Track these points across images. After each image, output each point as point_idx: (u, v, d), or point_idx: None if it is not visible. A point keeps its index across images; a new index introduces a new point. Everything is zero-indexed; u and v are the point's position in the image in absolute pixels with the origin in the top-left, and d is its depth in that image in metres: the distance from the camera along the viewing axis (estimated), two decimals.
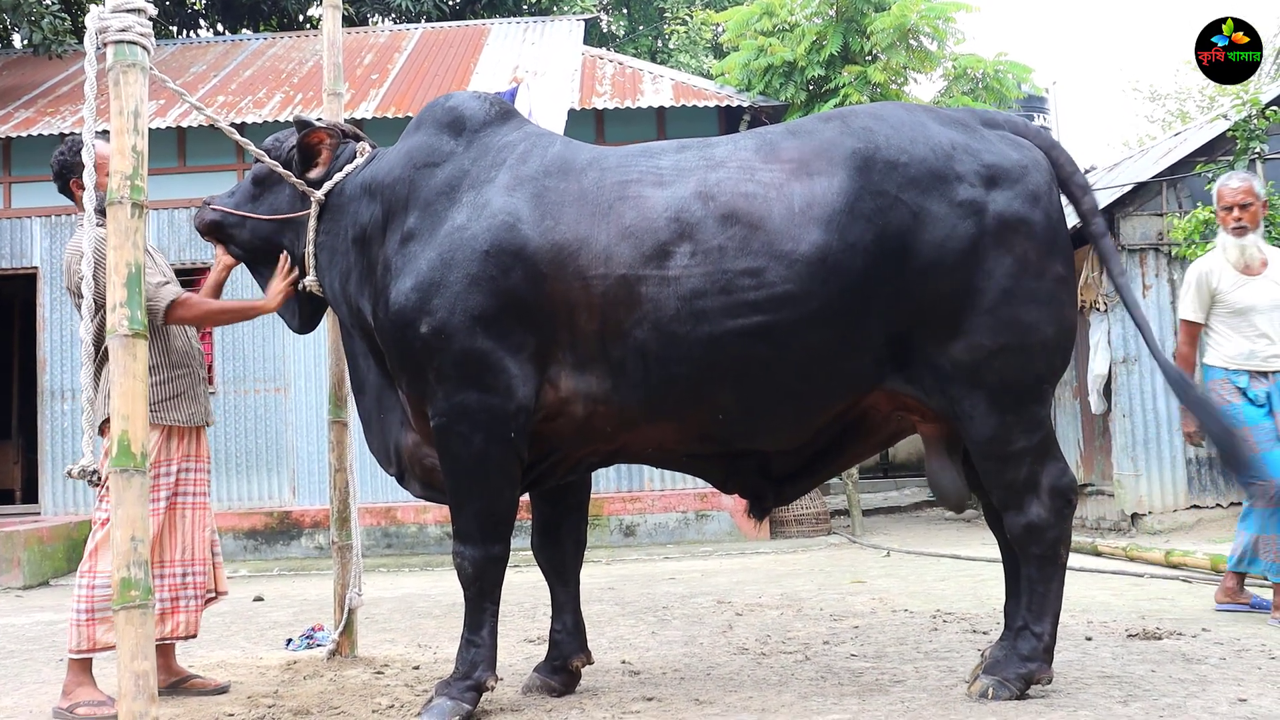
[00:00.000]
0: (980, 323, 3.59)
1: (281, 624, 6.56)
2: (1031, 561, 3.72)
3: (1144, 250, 10.24)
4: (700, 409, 3.75)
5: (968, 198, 3.61)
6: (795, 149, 3.76)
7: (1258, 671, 4.01)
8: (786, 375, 3.66)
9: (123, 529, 3.02)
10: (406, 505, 11.20)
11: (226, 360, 11.71)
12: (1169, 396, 10.08)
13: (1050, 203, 3.73)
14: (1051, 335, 3.66)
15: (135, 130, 3.18)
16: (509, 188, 3.82)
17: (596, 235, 3.68)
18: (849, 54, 12.38)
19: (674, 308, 3.60)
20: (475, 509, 3.81)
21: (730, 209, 3.63)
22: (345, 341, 4.40)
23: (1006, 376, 3.62)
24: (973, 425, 3.65)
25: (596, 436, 3.89)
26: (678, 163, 3.81)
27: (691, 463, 4.12)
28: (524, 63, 13.08)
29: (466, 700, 3.75)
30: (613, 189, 3.75)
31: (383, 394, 4.14)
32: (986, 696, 3.65)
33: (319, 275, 4.20)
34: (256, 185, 4.41)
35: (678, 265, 3.61)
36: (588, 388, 3.74)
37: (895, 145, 3.67)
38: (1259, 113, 9.52)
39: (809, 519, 11.41)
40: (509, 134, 4.05)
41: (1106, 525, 10.39)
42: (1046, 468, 3.70)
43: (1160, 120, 29.16)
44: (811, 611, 6.04)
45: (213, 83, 13.38)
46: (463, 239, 3.75)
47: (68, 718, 4.10)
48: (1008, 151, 3.74)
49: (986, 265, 3.60)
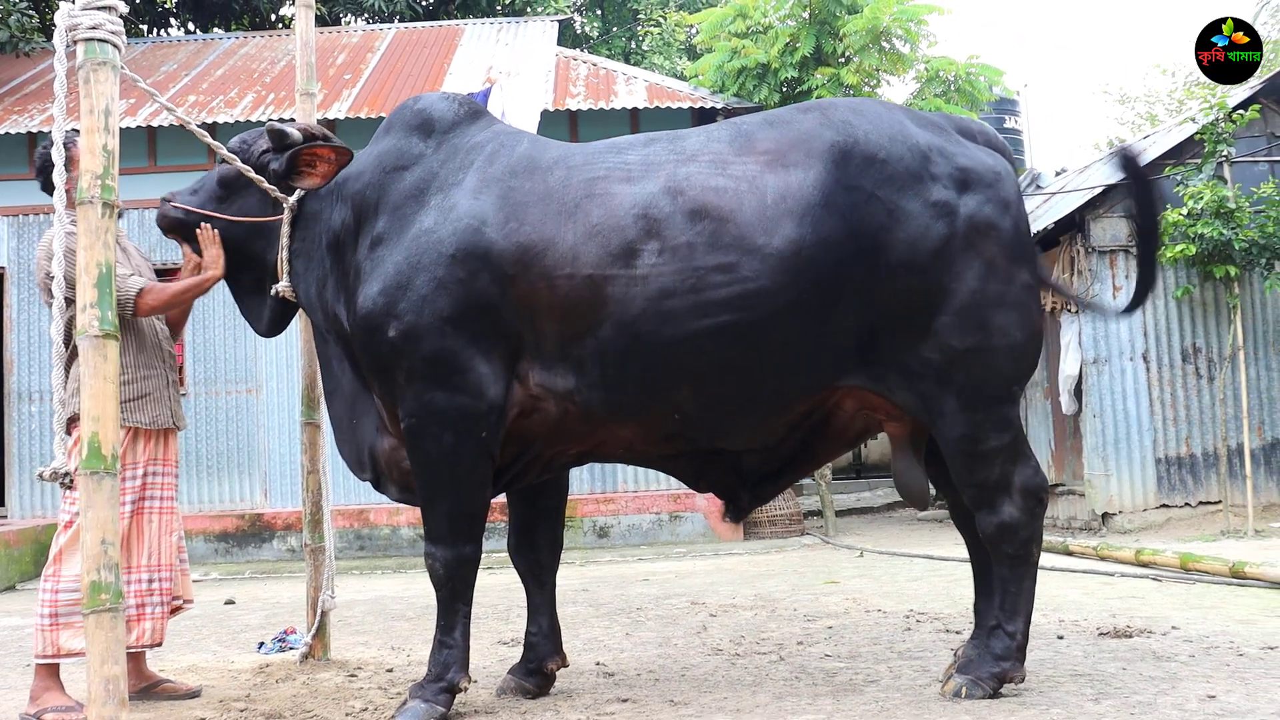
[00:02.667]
0: (949, 323, 3.61)
1: (253, 627, 6.52)
2: (1004, 561, 3.75)
3: (1114, 252, 10.32)
4: (665, 409, 3.75)
5: (941, 199, 3.64)
6: (772, 139, 3.75)
7: (1226, 668, 4.05)
8: (755, 373, 3.66)
9: (92, 532, 2.99)
10: (379, 507, 11.15)
11: (198, 361, 11.62)
12: (1139, 397, 10.17)
13: (1019, 212, 3.78)
14: (1020, 339, 3.69)
15: (106, 129, 3.14)
16: (475, 190, 3.81)
17: (563, 235, 3.66)
18: (822, 56, 12.43)
19: (641, 308, 3.58)
20: (446, 509, 3.80)
21: (700, 204, 3.62)
22: (319, 346, 4.34)
23: (976, 377, 3.64)
24: (944, 424, 3.67)
25: (569, 435, 3.89)
26: (646, 157, 3.79)
27: (664, 462, 4.14)
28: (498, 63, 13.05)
29: (440, 703, 3.73)
30: (579, 187, 3.73)
31: (357, 399, 4.11)
32: (960, 695, 3.67)
33: (294, 281, 4.15)
34: (224, 187, 4.30)
35: (645, 264, 3.59)
36: (557, 386, 3.73)
37: (874, 141, 3.68)
38: (1226, 116, 9.63)
39: (782, 520, 11.43)
40: (477, 134, 4.03)
41: (1078, 525, 10.47)
42: (1018, 467, 3.72)
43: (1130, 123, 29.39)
44: (785, 612, 6.05)
45: (184, 82, 13.28)
46: (429, 243, 3.74)
47: None
48: (982, 158, 3.78)
49: (956, 267, 3.62)
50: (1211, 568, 6.62)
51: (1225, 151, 9.60)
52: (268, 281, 4.25)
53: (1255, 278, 10.05)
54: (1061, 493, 10.82)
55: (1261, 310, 10.34)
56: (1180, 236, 9.52)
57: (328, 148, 4.06)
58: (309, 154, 4.05)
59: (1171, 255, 9.58)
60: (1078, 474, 10.57)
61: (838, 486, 14.34)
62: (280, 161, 4.09)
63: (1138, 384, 10.22)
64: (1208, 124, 9.68)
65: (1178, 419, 10.22)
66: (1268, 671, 3.97)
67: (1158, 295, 10.32)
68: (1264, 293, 10.01)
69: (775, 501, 11.58)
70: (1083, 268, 10.36)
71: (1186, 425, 10.22)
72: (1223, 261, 9.54)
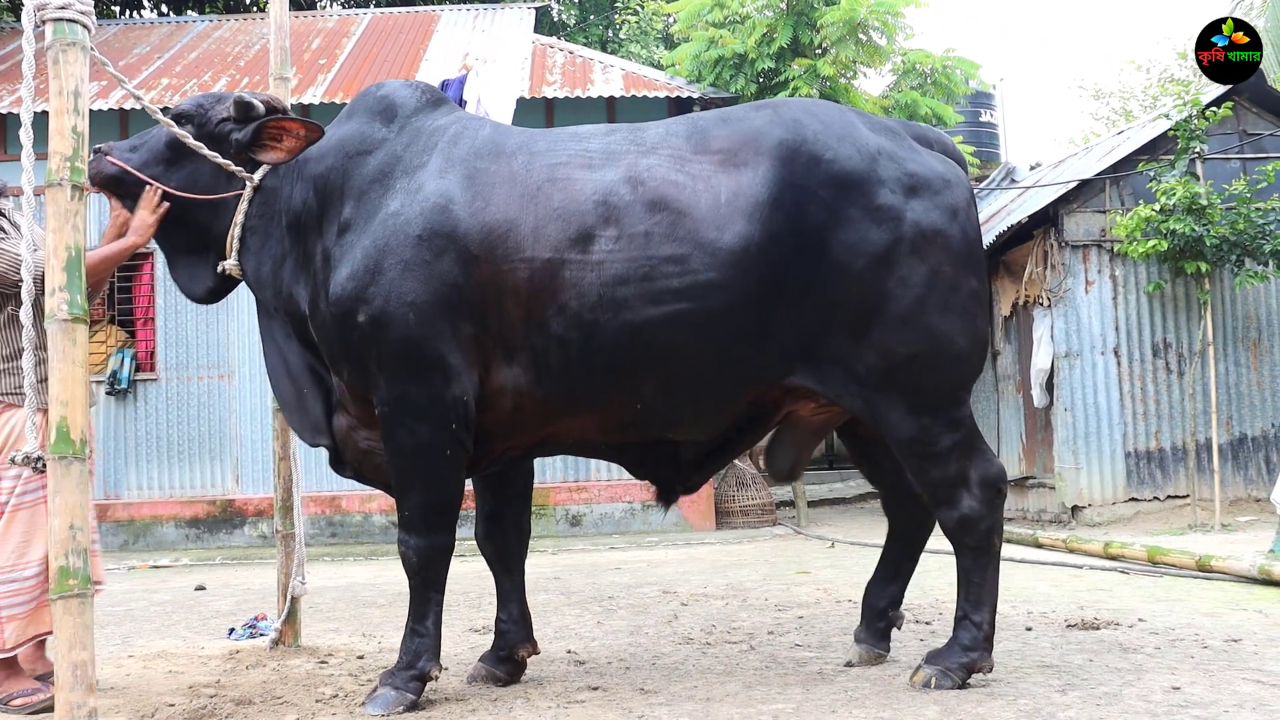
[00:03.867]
0: (892, 328, 3.62)
1: (224, 613, 6.49)
2: (966, 553, 3.77)
3: (1087, 246, 10.40)
4: (621, 398, 3.76)
5: (886, 203, 3.65)
6: (725, 137, 3.77)
7: (1191, 660, 4.09)
8: (705, 363, 3.68)
9: (60, 517, 2.97)
10: (351, 494, 11.12)
11: (170, 347, 11.55)
12: (1110, 391, 10.26)
13: (968, 219, 3.78)
14: (964, 346, 3.71)
15: (75, 110, 3.11)
16: (441, 171, 3.80)
17: (524, 218, 3.66)
18: (799, 47, 12.44)
19: (596, 294, 3.59)
20: (421, 498, 3.79)
21: (658, 195, 3.64)
22: (263, 323, 4.21)
23: (920, 382, 3.66)
24: (892, 428, 3.69)
25: (520, 429, 3.89)
26: (607, 146, 3.81)
27: (610, 451, 4.14)
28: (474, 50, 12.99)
29: (410, 690, 3.72)
30: (542, 171, 3.74)
31: (303, 375, 4.06)
32: (930, 686, 3.68)
33: (243, 258, 4.04)
34: (174, 151, 4.04)
35: (601, 250, 3.61)
36: (514, 380, 3.73)
37: (821, 141, 3.69)
38: (1199, 113, 9.70)
39: (755, 510, 11.47)
40: (440, 119, 4.01)
41: (1047, 518, 10.55)
42: (974, 460, 3.73)
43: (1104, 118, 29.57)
44: (756, 601, 6.07)
45: (156, 64, 13.16)
46: (396, 225, 3.72)
47: (2, 710, 4.01)
48: (932, 164, 3.80)
49: (900, 271, 3.62)
50: (1178, 561, 6.68)
51: (1198, 148, 9.68)
52: (209, 251, 4.11)
53: (1226, 274, 10.14)
54: (1032, 485, 10.90)
55: (1231, 306, 10.44)
56: (1152, 232, 9.59)
57: (297, 122, 3.93)
58: (276, 126, 3.92)
59: (1143, 251, 9.65)
60: (1048, 467, 10.65)
61: (810, 477, 14.40)
62: (245, 132, 3.96)
63: (1109, 378, 10.30)
64: (1181, 121, 9.75)
65: (1148, 413, 10.31)
66: (1231, 664, 4.01)
67: (1129, 290, 10.41)
68: (1234, 289, 10.11)
69: (748, 492, 11.63)
70: (1056, 261, 10.43)
71: (1156, 420, 10.31)
72: (1194, 258, 9.62)
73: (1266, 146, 10.49)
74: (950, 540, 3.84)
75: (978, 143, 17.44)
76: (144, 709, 3.89)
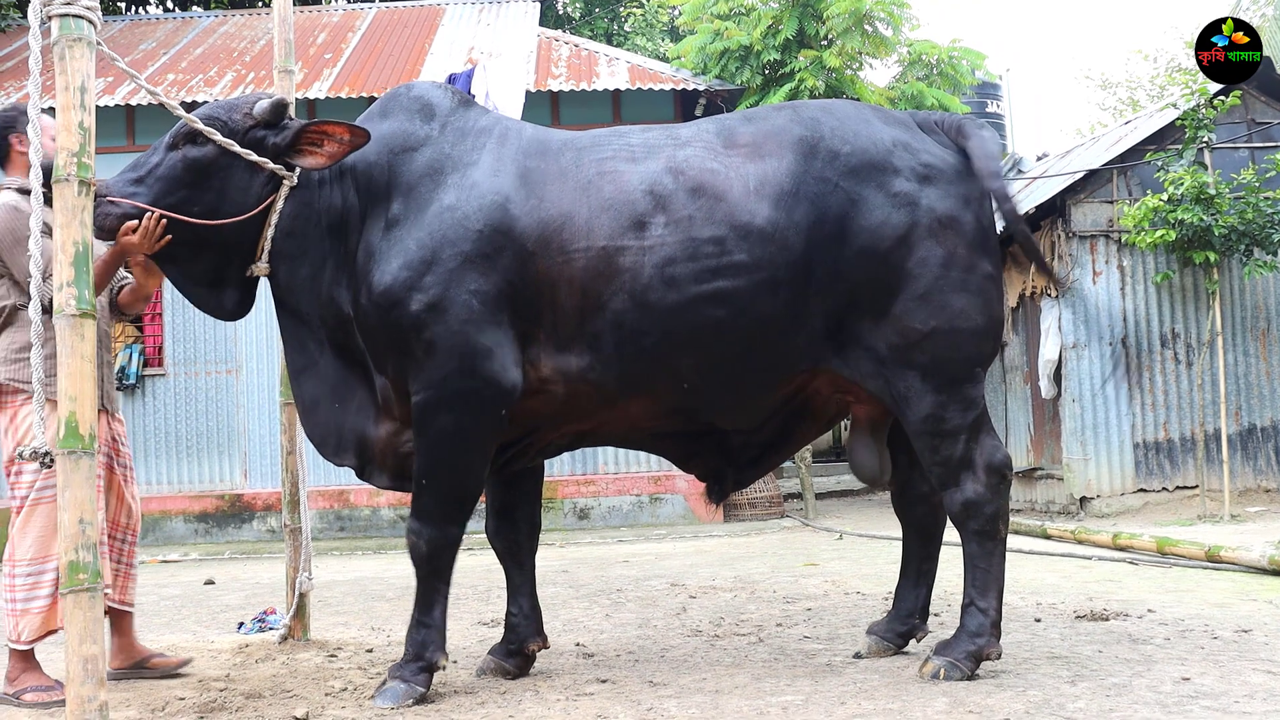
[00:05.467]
0: (912, 308, 3.78)
1: (233, 607, 6.50)
2: (971, 538, 3.83)
3: (1094, 237, 10.37)
4: (673, 379, 3.87)
5: (903, 190, 3.83)
6: (750, 133, 3.97)
7: (1201, 651, 4.08)
8: (742, 340, 3.81)
9: (69, 511, 2.97)
10: (360, 489, 11.14)
11: (178, 342, 11.57)
12: (1118, 382, 10.23)
13: (980, 206, 3.94)
14: (981, 324, 3.85)
15: (82, 106, 3.11)
16: (494, 169, 3.87)
17: (578, 210, 3.79)
18: (805, 38, 12.41)
19: (649, 275, 3.74)
20: (445, 488, 3.81)
21: (698, 182, 3.82)
22: (289, 326, 4.08)
23: (939, 358, 3.79)
24: (909, 405, 3.81)
25: (573, 416, 3.96)
26: (646, 140, 3.98)
27: (656, 442, 4.23)
28: (479, 44, 12.99)
29: (419, 682, 3.74)
30: (590, 166, 3.88)
31: (339, 384, 4.00)
32: (939, 677, 3.71)
33: (276, 263, 3.93)
34: (196, 172, 3.83)
35: (653, 234, 3.77)
36: (568, 366, 3.81)
37: (839, 135, 3.90)
38: (1207, 102, 9.65)
39: (762, 502, 11.47)
40: (480, 119, 4.07)
41: (1056, 509, 10.53)
42: (981, 444, 3.84)
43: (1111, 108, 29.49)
44: (765, 594, 6.07)
45: (162, 60, 13.17)
46: (454, 219, 3.76)
47: (13, 703, 4.03)
48: (944, 155, 3.97)
49: (919, 254, 3.79)
50: (1188, 552, 6.67)
51: (1206, 138, 9.63)
52: (231, 263, 3.99)
53: (1234, 264, 10.11)
54: (1040, 477, 10.88)
55: (1240, 296, 10.40)
56: (1160, 222, 9.56)
57: (342, 126, 3.82)
58: (317, 131, 3.83)
59: (1151, 241, 9.62)
60: (1056, 458, 10.63)
61: (818, 469, 14.39)
62: (284, 136, 3.86)
63: (1116, 369, 10.27)
64: (1189, 110, 9.70)
65: (1156, 404, 10.29)
66: (1241, 654, 4.01)
67: (1137, 281, 10.38)
68: (1243, 279, 10.07)
69: (756, 484, 11.62)
70: (1063, 252, 10.40)
71: (1165, 410, 10.29)
72: (1202, 248, 9.58)
73: (1275, 135, 10.45)
74: (956, 526, 3.91)
75: None
76: (154, 702, 3.91)
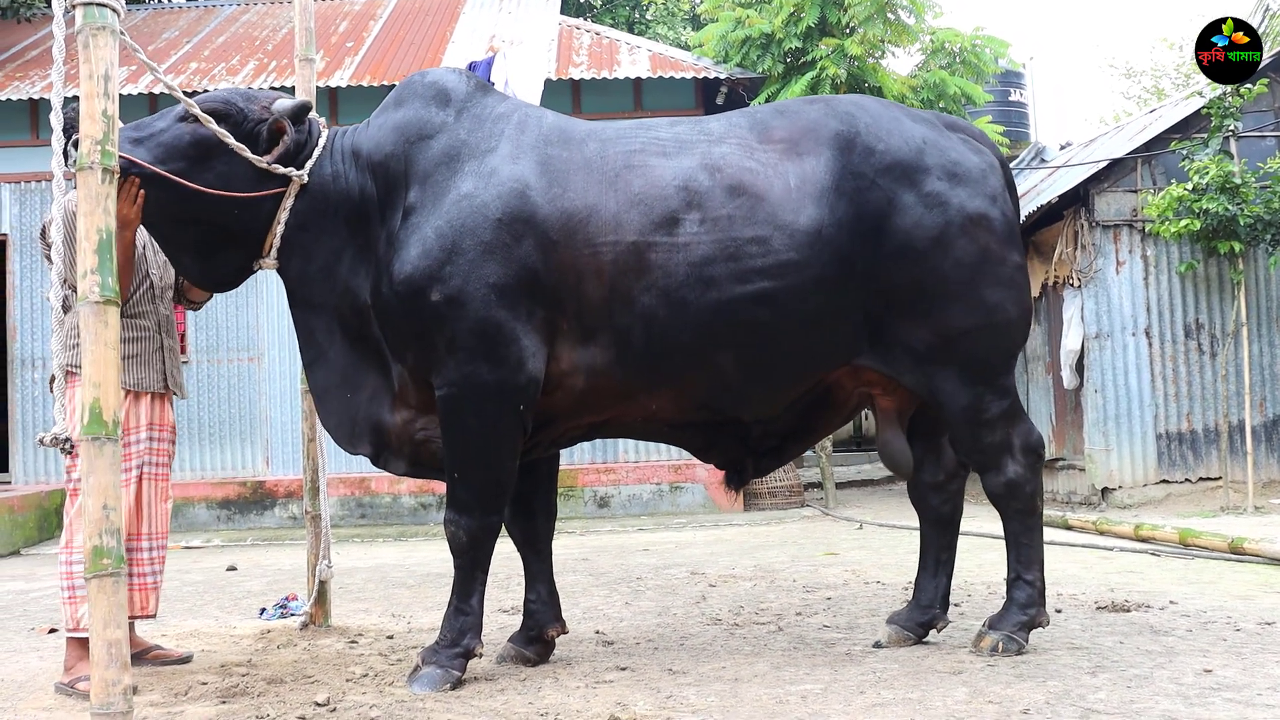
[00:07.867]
0: (951, 305, 3.85)
1: (255, 593, 6.55)
2: (1014, 516, 3.99)
3: (1118, 226, 10.29)
4: (702, 375, 3.88)
5: (935, 189, 3.87)
6: (784, 128, 3.97)
7: (1223, 643, 4.07)
8: (785, 339, 3.83)
9: (94, 497, 2.99)
10: (380, 476, 11.16)
11: (200, 330, 11.62)
12: (1140, 372, 10.17)
13: (1005, 202, 4.04)
14: (1015, 316, 3.96)
15: (105, 94, 3.12)
16: (513, 156, 3.84)
17: (605, 203, 3.77)
18: (826, 26, 12.33)
19: (684, 274, 3.73)
20: (480, 479, 3.82)
21: (736, 181, 3.81)
22: (302, 316, 4.07)
23: (977, 353, 3.89)
24: (948, 398, 3.90)
25: (589, 409, 3.96)
26: (677, 135, 3.96)
27: (674, 433, 4.20)
28: (500, 32, 12.97)
29: (455, 667, 3.78)
30: (617, 158, 3.85)
31: (352, 372, 4.00)
32: (997, 651, 3.89)
33: (286, 256, 3.95)
34: (199, 148, 3.80)
35: (687, 232, 3.75)
36: (590, 360, 3.81)
37: (873, 132, 3.92)
38: (1233, 90, 9.55)
39: (782, 491, 11.46)
40: (497, 105, 4.04)
41: (1077, 499, 10.48)
42: (1017, 428, 3.98)
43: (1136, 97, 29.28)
44: (784, 583, 6.07)
45: (185, 49, 13.22)
46: (472, 206, 3.75)
47: (69, 693, 4.03)
48: (970, 154, 4.04)
49: (953, 253, 3.84)
50: (1210, 543, 6.63)
51: (1232, 126, 9.54)
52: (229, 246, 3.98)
53: (1260, 254, 10.02)
54: (1061, 467, 10.83)
55: (1265, 286, 10.31)
56: (1185, 212, 9.47)
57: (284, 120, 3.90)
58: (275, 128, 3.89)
59: (1175, 231, 9.54)
60: (1078, 449, 10.57)
61: (838, 458, 14.36)
62: (301, 136, 3.94)
63: (1139, 359, 10.21)
64: (1214, 98, 9.61)
65: (1179, 395, 10.21)
66: (1264, 647, 3.99)
67: (1161, 270, 10.30)
68: (1268, 269, 9.99)
69: (775, 473, 11.61)
70: (1086, 242, 10.33)
71: (1188, 401, 10.21)
72: (1227, 237, 9.50)
73: None
74: (997, 507, 4.05)
75: (1007, 122, 17.25)
76: (177, 687, 3.94)
